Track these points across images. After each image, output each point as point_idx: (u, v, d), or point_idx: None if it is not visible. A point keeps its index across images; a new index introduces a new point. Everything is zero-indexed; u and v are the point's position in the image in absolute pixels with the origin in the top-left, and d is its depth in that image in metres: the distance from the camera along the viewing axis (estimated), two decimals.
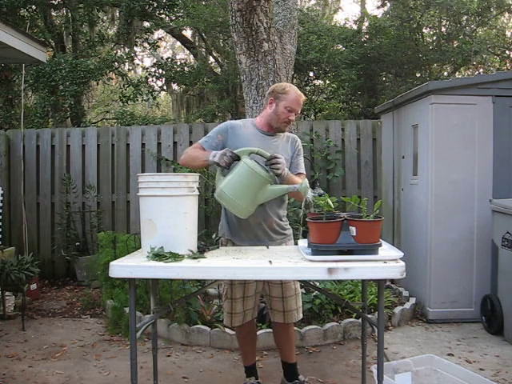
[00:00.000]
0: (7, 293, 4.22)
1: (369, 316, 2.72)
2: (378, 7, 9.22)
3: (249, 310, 2.65)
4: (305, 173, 2.64)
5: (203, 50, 9.63)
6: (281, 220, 2.62)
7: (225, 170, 2.33)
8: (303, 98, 2.60)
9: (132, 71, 12.40)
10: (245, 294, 2.60)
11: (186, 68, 8.72)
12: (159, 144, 5.63)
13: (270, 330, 3.47)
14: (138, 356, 2.21)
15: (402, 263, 1.91)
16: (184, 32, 9.92)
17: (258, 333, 3.22)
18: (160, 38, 10.32)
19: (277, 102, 2.53)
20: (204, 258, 2.13)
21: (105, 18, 9.91)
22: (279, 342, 2.82)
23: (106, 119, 11.38)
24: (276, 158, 2.29)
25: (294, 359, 2.79)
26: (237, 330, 2.83)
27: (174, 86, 9.96)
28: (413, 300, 4.22)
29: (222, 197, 2.29)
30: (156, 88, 9.16)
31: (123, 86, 8.58)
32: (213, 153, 2.37)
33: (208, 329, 3.57)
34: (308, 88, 8.69)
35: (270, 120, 2.56)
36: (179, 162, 2.80)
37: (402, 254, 1.99)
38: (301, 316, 2.71)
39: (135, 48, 9.90)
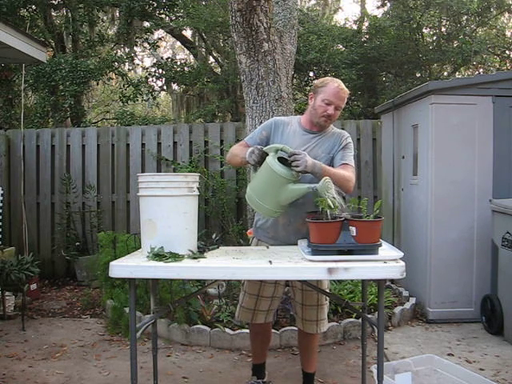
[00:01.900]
0: (7, 293, 4.22)
1: (369, 316, 2.72)
2: (378, 7, 9.22)
3: (261, 311, 2.59)
4: (351, 164, 2.44)
5: (203, 49, 9.62)
6: None
7: (257, 168, 2.28)
8: (345, 91, 2.44)
9: (132, 71, 12.40)
10: (260, 294, 2.55)
11: (186, 68, 8.72)
12: (159, 144, 5.63)
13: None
14: (138, 356, 2.21)
15: (402, 263, 1.91)
16: (184, 32, 9.92)
17: None
18: (160, 38, 10.31)
19: (315, 96, 2.46)
20: (204, 257, 2.13)
21: (105, 18, 9.90)
22: (299, 349, 2.81)
23: (106, 119, 11.38)
24: (295, 154, 2.18)
25: (311, 369, 2.73)
26: (249, 326, 2.81)
27: (174, 86, 9.95)
28: (413, 300, 4.22)
29: (249, 197, 2.28)
30: (156, 88, 9.16)
31: (123, 85, 8.58)
32: (249, 150, 2.31)
33: (208, 329, 3.57)
34: (308, 88, 8.68)
35: (311, 116, 2.49)
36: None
37: (402, 254, 1.99)
38: (323, 329, 2.62)
39: (135, 48, 9.90)
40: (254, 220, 2.65)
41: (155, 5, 8.32)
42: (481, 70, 8.99)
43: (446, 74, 9.04)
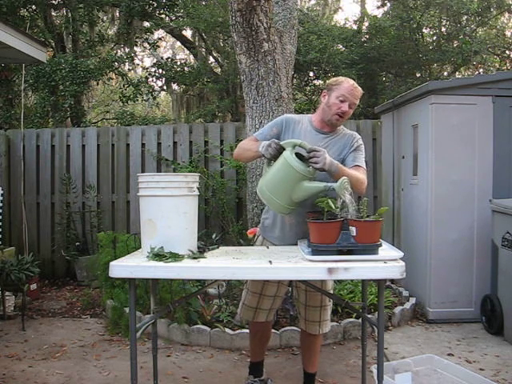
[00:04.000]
0: (7, 293, 4.22)
1: (369, 316, 2.72)
2: (378, 7, 9.21)
3: (263, 310, 2.59)
4: (363, 166, 2.43)
5: (203, 49, 9.62)
6: None
7: (272, 162, 2.25)
8: (359, 89, 2.43)
9: (132, 71, 12.40)
10: (262, 292, 2.55)
11: (185, 68, 8.72)
12: (159, 144, 5.63)
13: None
14: (138, 356, 2.21)
15: (402, 263, 1.91)
16: (184, 32, 9.92)
17: None
18: (160, 38, 10.31)
19: (329, 94, 2.44)
20: (204, 257, 2.13)
21: (105, 18, 9.90)
22: (301, 348, 2.81)
23: (106, 119, 11.38)
24: (315, 150, 2.15)
25: (313, 370, 2.72)
26: (249, 324, 2.81)
27: (174, 86, 9.95)
28: (413, 300, 4.22)
29: (261, 192, 2.24)
30: (156, 88, 9.16)
31: (123, 85, 8.58)
32: (262, 143, 2.28)
33: (208, 329, 3.57)
34: (308, 88, 8.68)
35: (323, 114, 2.46)
36: (232, 156, 2.70)
37: (402, 254, 1.99)
38: (325, 330, 2.61)
39: (135, 48, 9.89)
40: (261, 219, 2.64)
41: (155, 5, 8.32)
42: (481, 70, 8.99)
43: (446, 73, 9.04)
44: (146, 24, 9.02)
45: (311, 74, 8.47)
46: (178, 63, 8.91)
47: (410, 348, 3.49)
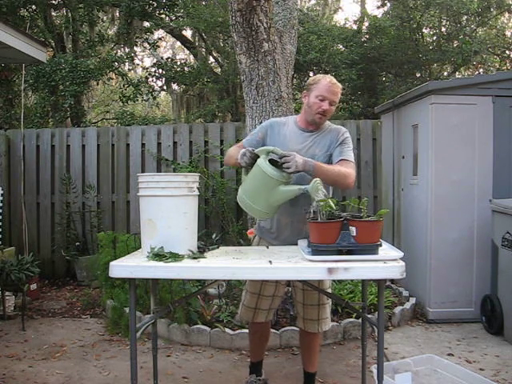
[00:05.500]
0: (7, 293, 4.22)
1: (369, 316, 2.71)
2: (378, 7, 9.22)
3: (262, 310, 2.60)
4: (349, 159, 2.41)
5: (203, 49, 9.63)
6: None
7: (249, 169, 2.30)
8: (337, 85, 2.44)
9: (132, 71, 12.40)
10: (261, 292, 2.56)
11: (186, 68, 8.73)
12: (159, 144, 5.63)
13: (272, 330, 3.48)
14: (138, 356, 2.21)
15: (402, 263, 1.91)
16: (184, 32, 9.93)
17: None
18: (160, 38, 10.31)
19: (309, 94, 2.47)
20: (204, 257, 2.13)
21: (105, 18, 9.91)
22: (301, 348, 2.82)
23: (106, 119, 11.38)
24: (285, 156, 2.20)
25: (312, 369, 2.73)
26: (249, 324, 2.82)
27: (174, 86, 9.96)
28: (413, 300, 4.22)
29: (241, 200, 2.29)
30: (156, 88, 9.16)
31: (123, 85, 8.58)
32: (241, 152, 2.33)
33: (208, 329, 3.57)
34: None
35: (306, 114, 2.49)
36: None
37: (402, 254, 1.99)
38: (325, 328, 2.62)
39: (135, 48, 9.90)
40: (257, 220, 2.65)
41: (155, 5, 8.32)
42: (481, 70, 9.00)
43: (445, 73, 9.04)
44: (146, 24, 9.02)
45: (311, 74, 8.45)
46: (178, 63, 8.91)
47: (410, 348, 3.49)
